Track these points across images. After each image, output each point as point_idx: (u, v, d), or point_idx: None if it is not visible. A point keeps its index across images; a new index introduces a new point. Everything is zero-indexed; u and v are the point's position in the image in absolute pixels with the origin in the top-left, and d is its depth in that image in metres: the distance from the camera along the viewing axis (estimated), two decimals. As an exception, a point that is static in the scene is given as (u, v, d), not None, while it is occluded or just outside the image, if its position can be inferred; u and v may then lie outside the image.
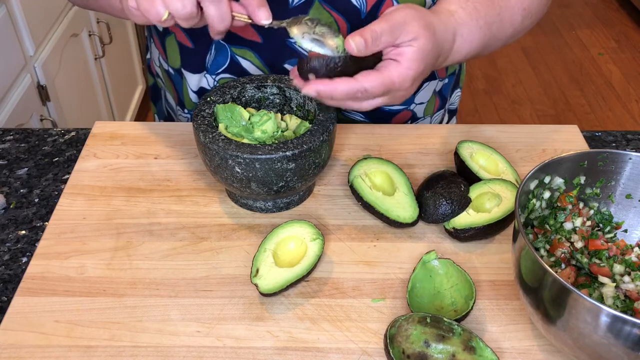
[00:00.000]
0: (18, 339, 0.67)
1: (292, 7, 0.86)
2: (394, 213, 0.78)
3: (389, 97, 0.71)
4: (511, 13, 0.82)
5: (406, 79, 0.69)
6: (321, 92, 0.68)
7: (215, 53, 0.94)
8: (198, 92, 1.00)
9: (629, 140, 0.97)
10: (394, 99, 0.72)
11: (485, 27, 0.79)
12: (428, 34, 0.70)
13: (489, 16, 0.79)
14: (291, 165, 0.74)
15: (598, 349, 0.57)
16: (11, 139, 0.95)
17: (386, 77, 0.68)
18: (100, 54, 2.12)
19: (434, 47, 0.71)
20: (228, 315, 0.70)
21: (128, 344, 0.67)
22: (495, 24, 0.80)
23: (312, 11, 0.87)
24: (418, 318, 0.65)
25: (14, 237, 0.80)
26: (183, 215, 0.82)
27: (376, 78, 0.68)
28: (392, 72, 0.69)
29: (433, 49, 0.71)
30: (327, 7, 0.86)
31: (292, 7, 0.86)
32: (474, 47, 0.79)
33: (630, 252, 0.69)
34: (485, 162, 0.85)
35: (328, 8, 0.86)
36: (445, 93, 1.06)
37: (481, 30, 0.78)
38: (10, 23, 1.55)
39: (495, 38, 0.82)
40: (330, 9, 0.86)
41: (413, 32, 0.69)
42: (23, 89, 1.60)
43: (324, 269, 0.75)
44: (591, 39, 3.49)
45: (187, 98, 1.01)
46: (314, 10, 0.86)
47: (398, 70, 0.69)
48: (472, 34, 0.78)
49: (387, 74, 0.68)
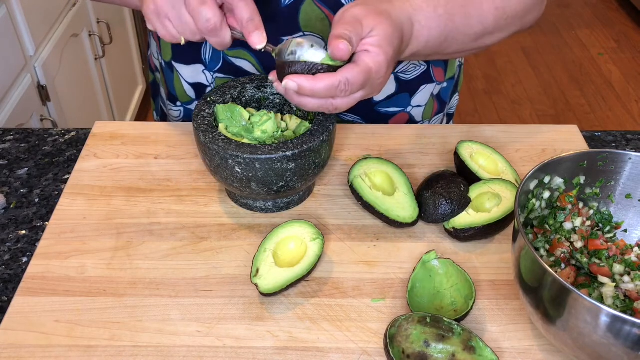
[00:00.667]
0: (18, 339, 0.67)
1: (285, 5, 0.86)
2: (394, 213, 0.78)
3: (368, 87, 0.70)
4: (480, 9, 0.81)
5: (381, 64, 0.69)
6: (303, 86, 0.67)
7: (212, 50, 0.94)
8: (194, 86, 0.99)
9: (629, 140, 0.97)
10: (372, 88, 0.71)
11: (446, 16, 0.78)
12: (384, 20, 0.71)
13: (450, 7, 0.78)
14: (291, 165, 0.74)
15: (598, 349, 0.57)
16: (11, 139, 0.96)
17: (363, 66, 0.68)
18: (100, 54, 2.12)
19: (395, 29, 0.72)
20: (228, 315, 0.70)
21: (128, 343, 0.67)
22: (458, 15, 0.79)
23: (304, 7, 0.87)
24: (418, 318, 0.65)
25: (14, 237, 0.80)
26: (183, 215, 0.82)
27: (354, 68, 0.68)
28: (366, 60, 0.69)
29: (395, 32, 0.72)
30: (318, 4, 0.86)
31: (284, 5, 0.86)
32: (433, 34, 0.78)
33: (630, 252, 0.69)
34: (485, 162, 0.85)
35: (319, 4, 0.86)
36: (445, 97, 1.06)
37: (440, 18, 0.78)
38: (11, 23, 1.55)
39: (460, 32, 0.81)
40: (321, 5, 0.86)
41: (370, 24, 0.69)
42: (23, 89, 1.60)
43: (324, 269, 0.75)
44: (591, 39, 3.49)
45: (179, 91, 1.01)
46: (306, 7, 0.86)
47: (371, 57, 0.69)
48: (430, 21, 0.77)
49: (363, 64, 0.68)
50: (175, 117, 1.06)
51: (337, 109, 0.71)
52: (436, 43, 0.80)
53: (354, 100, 0.71)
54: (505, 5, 0.83)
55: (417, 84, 0.99)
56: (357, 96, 0.70)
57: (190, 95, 1.01)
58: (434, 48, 0.81)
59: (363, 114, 1.01)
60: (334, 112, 0.72)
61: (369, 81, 0.69)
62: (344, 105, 0.71)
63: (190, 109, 1.03)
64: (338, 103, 0.70)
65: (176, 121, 1.07)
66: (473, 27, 0.81)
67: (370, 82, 0.70)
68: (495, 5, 0.82)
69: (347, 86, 0.68)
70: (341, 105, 0.70)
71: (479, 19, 0.81)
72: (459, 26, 0.80)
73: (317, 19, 0.87)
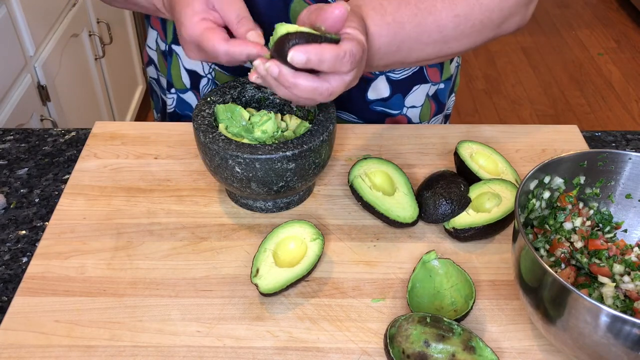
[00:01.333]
0: (18, 339, 0.67)
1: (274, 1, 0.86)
2: (394, 213, 0.78)
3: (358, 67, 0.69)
4: (436, 18, 0.79)
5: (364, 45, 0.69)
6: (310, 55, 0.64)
7: None
8: (190, 73, 0.99)
9: (629, 140, 0.97)
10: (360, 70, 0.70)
11: (394, 24, 0.77)
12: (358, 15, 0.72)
13: (399, 15, 0.78)
14: (291, 165, 0.74)
15: (598, 348, 0.57)
16: (11, 139, 0.96)
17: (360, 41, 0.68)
18: (100, 54, 2.12)
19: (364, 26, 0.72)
20: (228, 315, 0.70)
21: (128, 343, 0.67)
22: (409, 24, 0.78)
23: (294, 4, 0.87)
24: (418, 318, 0.65)
25: (14, 237, 0.80)
26: (183, 215, 0.82)
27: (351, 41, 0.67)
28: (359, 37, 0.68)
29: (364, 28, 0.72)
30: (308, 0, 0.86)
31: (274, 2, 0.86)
32: (383, 42, 0.77)
33: (630, 252, 0.69)
34: (485, 162, 0.85)
35: (309, 1, 0.86)
36: (442, 98, 1.06)
37: (389, 26, 0.77)
38: (11, 23, 1.55)
39: (414, 40, 0.79)
40: (311, 2, 0.86)
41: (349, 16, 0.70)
42: (23, 89, 1.60)
43: (324, 269, 0.75)
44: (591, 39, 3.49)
45: (176, 77, 1.01)
46: (296, 3, 0.86)
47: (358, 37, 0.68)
48: (379, 28, 0.76)
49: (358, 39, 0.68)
50: (169, 106, 1.05)
51: (331, 93, 0.68)
52: (388, 51, 0.78)
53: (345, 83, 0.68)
54: (468, 13, 0.80)
55: (409, 84, 0.99)
56: (348, 78, 0.68)
57: (185, 83, 1.00)
58: (387, 57, 0.79)
59: (359, 113, 1.00)
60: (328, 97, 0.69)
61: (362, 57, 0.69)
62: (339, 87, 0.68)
63: (182, 98, 1.02)
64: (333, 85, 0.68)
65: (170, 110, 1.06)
66: (430, 35, 0.80)
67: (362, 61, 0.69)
68: (455, 13, 0.80)
69: (351, 57, 0.66)
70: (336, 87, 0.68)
71: (437, 27, 0.80)
72: (411, 34, 0.78)
73: None
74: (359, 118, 1.01)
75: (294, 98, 0.69)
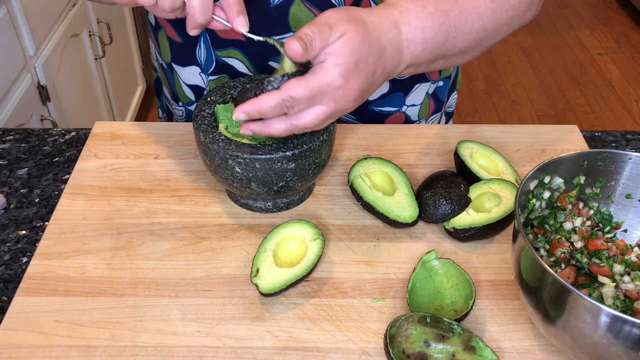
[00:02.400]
0: (18, 339, 0.67)
1: (274, 5, 0.86)
2: (394, 213, 0.78)
3: (327, 100, 0.67)
4: (475, 3, 0.77)
5: (334, 77, 0.66)
6: (248, 112, 0.66)
7: (205, 50, 0.94)
8: (192, 88, 1.00)
9: (629, 140, 0.97)
10: (336, 102, 0.68)
11: (438, 13, 0.74)
12: (356, 27, 0.67)
13: (441, 3, 0.75)
14: (291, 165, 0.74)
15: (598, 349, 0.57)
16: (11, 139, 0.96)
17: (311, 80, 0.65)
18: (100, 54, 2.12)
19: (364, 39, 0.68)
20: (228, 315, 0.70)
21: (128, 343, 0.67)
22: (452, 12, 0.75)
23: (293, 8, 0.86)
24: (418, 318, 0.65)
25: (14, 237, 0.80)
26: (183, 215, 0.82)
27: (299, 82, 0.65)
28: (317, 73, 0.65)
29: (364, 42, 0.68)
30: (307, 4, 0.86)
31: (273, 6, 0.86)
32: (428, 34, 0.74)
33: (630, 252, 0.69)
34: (485, 162, 0.85)
35: (308, 5, 0.86)
36: (442, 96, 1.05)
37: (432, 16, 0.74)
38: (11, 23, 1.55)
39: (458, 29, 0.77)
40: (310, 6, 0.86)
41: (340, 30, 0.66)
42: (23, 89, 1.60)
43: (324, 269, 0.75)
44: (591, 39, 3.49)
45: (180, 91, 1.02)
46: (295, 8, 0.86)
47: (324, 70, 0.66)
48: (422, 21, 0.73)
49: (311, 77, 0.65)
50: (179, 117, 1.07)
51: (304, 127, 0.68)
52: (436, 44, 0.75)
53: (317, 116, 0.67)
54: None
55: (411, 82, 0.99)
56: (319, 111, 0.67)
57: (190, 97, 1.01)
58: (435, 50, 0.76)
59: (357, 113, 1.00)
60: (304, 131, 0.69)
61: (320, 95, 0.66)
62: (310, 122, 0.67)
63: (191, 109, 1.03)
64: (300, 122, 0.67)
65: (180, 120, 1.07)
66: (473, 22, 0.77)
67: (327, 95, 0.66)
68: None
69: (291, 102, 0.65)
70: (306, 122, 0.67)
71: (477, 13, 0.78)
72: (455, 23, 0.76)
73: (306, 19, 0.87)
74: (357, 118, 1.01)
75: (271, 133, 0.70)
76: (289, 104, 0.65)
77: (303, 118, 0.67)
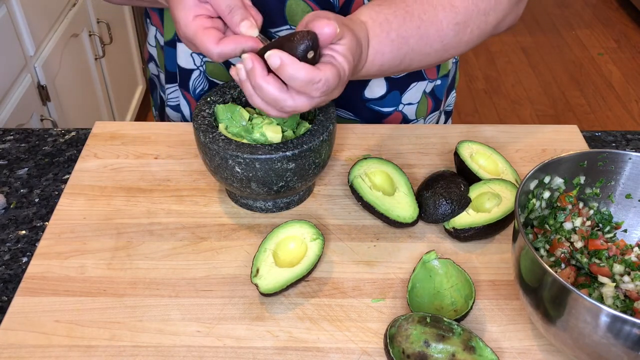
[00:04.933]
0: (18, 339, 0.67)
1: None
2: (394, 213, 0.78)
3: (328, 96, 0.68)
4: (438, 28, 0.79)
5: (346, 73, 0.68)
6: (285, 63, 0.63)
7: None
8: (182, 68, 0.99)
9: (629, 140, 0.97)
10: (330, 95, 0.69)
11: (399, 40, 0.77)
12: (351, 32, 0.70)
13: (404, 29, 0.77)
14: (291, 165, 0.74)
15: (598, 349, 0.57)
16: (11, 139, 0.96)
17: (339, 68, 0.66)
18: (100, 54, 2.12)
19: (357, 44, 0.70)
20: (228, 315, 0.70)
21: (128, 343, 0.67)
22: (413, 38, 0.78)
23: (290, 2, 0.86)
24: (418, 318, 0.65)
25: (14, 237, 0.80)
26: (183, 215, 0.82)
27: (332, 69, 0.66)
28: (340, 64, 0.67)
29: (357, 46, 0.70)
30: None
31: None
32: (386, 59, 0.77)
33: (630, 252, 0.69)
34: (485, 162, 0.85)
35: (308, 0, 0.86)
36: (440, 95, 1.05)
37: (393, 43, 0.77)
38: (11, 23, 1.55)
39: (416, 52, 0.79)
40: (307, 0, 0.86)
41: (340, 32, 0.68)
42: (23, 89, 1.60)
43: (324, 269, 0.75)
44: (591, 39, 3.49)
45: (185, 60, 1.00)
46: (292, 1, 0.86)
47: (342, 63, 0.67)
48: (383, 46, 0.76)
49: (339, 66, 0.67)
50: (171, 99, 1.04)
51: (294, 110, 0.67)
52: (391, 65, 0.79)
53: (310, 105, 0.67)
54: (467, 19, 0.80)
55: (406, 81, 0.99)
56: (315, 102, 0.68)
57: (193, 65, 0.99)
58: (389, 70, 0.80)
59: (355, 110, 1.00)
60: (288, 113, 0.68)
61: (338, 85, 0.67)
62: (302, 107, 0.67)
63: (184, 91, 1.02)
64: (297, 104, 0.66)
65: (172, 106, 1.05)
66: (432, 45, 0.80)
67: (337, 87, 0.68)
68: (456, 21, 0.80)
69: (324, 86, 0.65)
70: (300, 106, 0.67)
71: (438, 37, 0.80)
72: (414, 47, 0.79)
73: (303, 12, 0.87)
74: (355, 115, 1.01)
75: (257, 102, 0.67)
76: (321, 86, 0.65)
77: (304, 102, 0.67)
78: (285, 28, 0.89)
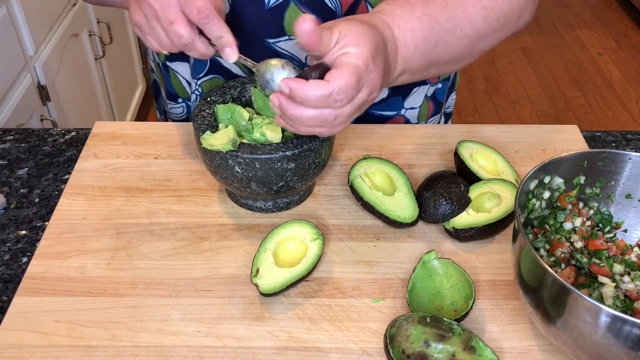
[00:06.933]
0: (18, 339, 0.67)
1: (269, 7, 0.86)
2: (394, 213, 0.78)
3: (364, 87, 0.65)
4: (465, 9, 0.77)
5: (367, 58, 0.65)
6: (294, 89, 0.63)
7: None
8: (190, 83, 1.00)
9: (629, 140, 0.97)
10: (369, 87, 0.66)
11: (426, 17, 0.74)
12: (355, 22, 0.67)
13: (429, 9, 0.75)
14: (291, 165, 0.74)
15: (598, 349, 0.57)
16: (11, 139, 0.96)
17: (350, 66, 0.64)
18: (100, 54, 2.12)
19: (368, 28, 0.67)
20: (228, 315, 0.70)
21: (128, 343, 0.67)
22: (441, 16, 0.75)
23: (288, 12, 0.86)
24: (418, 318, 0.65)
25: (14, 237, 0.80)
26: (183, 215, 0.82)
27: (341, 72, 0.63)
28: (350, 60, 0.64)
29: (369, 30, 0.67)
30: (302, 8, 0.86)
31: (268, 8, 0.86)
32: (418, 37, 0.74)
33: (630, 252, 0.69)
34: (485, 162, 0.85)
35: (303, 9, 0.86)
36: (440, 98, 1.05)
37: (421, 20, 0.74)
38: (11, 23, 1.55)
39: (448, 32, 0.76)
40: (305, 10, 0.86)
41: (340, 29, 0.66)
42: (23, 89, 1.60)
43: (324, 269, 0.75)
44: (591, 39, 3.49)
45: (178, 88, 1.01)
46: (290, 11, 0.86)
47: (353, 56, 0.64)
48: (411, 24, 0.73)
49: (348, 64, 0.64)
50: (178, 114, 1.06)
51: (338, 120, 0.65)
52: (426, 47, 0.75)
53: (355, 107, 0.66)
54: (494, 4, 0.79)
55: (409, 86, 0.99)
56: (358, 101, 0.66)
57: (188, 91, 1.01)
58: (426, 54, 0.76)
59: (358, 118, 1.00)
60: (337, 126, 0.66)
61: (361, 80, 0.65)
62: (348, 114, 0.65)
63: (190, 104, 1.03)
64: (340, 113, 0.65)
65: (178, 119, 1.07)
66: (463, 28, 0.78)
67: (363, 80, 0.65)
68: (482, 5, 0.78)
69: (341, 94, 0.63)
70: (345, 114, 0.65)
71: (468, 20, 0.78)
72: (445, 27, 0.76)
73: None
74: (355, 121, 1.01)
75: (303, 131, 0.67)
76: (337, 96, 0.63)
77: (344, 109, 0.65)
78: (284, 39, 0.88)
